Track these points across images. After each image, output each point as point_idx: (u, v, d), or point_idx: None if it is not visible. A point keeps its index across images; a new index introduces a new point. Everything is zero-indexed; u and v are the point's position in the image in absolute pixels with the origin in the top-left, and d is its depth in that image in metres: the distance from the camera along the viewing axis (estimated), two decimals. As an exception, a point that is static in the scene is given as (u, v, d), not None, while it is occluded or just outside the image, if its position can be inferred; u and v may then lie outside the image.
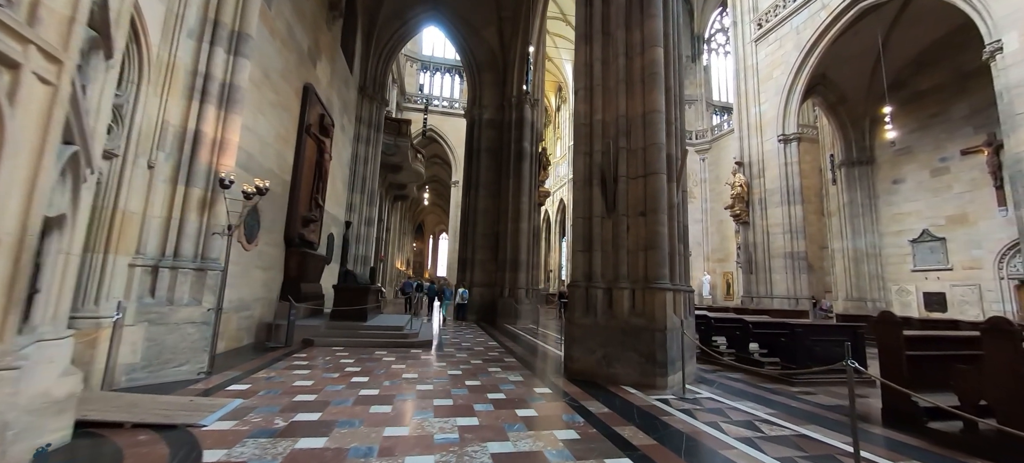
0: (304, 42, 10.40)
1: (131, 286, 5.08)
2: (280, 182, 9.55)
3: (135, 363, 5.02)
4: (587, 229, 6.77)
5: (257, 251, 8.63)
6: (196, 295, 5.64)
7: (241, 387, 5.13)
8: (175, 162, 5.58)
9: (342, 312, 9.78)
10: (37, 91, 2.73)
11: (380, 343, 8.89)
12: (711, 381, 6.64)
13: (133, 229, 5.12)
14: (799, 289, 16.54)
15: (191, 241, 5.65)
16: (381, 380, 5.82)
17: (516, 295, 15.80)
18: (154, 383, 5.11)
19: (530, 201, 16.80)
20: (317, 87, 11.36)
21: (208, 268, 5.76)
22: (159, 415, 3.84)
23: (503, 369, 6.95)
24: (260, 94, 8.26)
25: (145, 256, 5.24)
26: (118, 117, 4.92)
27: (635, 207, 6.51)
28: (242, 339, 8.22)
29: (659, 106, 6.51)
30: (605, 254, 6.61)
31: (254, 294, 8.60)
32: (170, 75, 5.50)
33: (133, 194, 5.09)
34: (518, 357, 8.21)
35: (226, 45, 6.13)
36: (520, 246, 16.09)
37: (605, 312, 6.41)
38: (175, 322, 5.37)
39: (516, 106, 17.08)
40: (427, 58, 35.13)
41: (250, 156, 7.97)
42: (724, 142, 28.01)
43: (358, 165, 16.80)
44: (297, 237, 10.41)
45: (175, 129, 5.59)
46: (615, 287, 6.38)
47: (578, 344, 6.50)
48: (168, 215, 5.50)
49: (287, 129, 9.72)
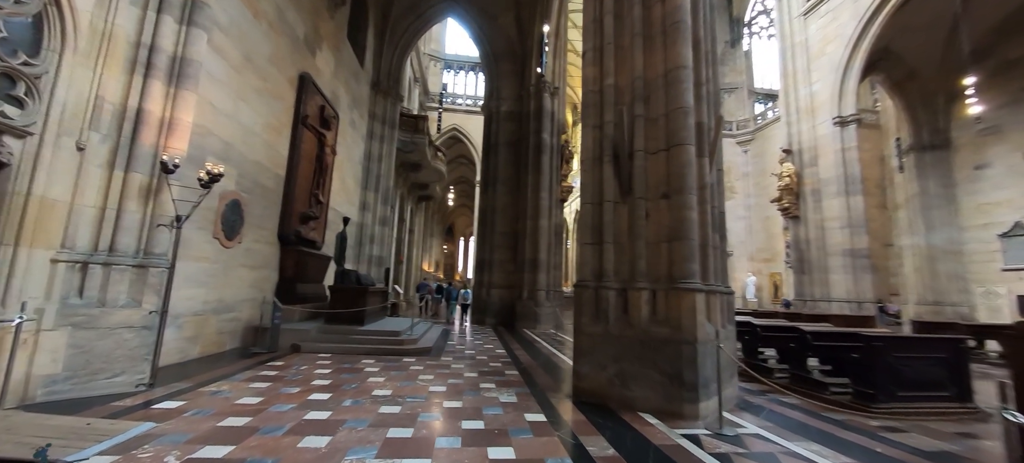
0: (298, 28, 9.78)
1: (53, 284, 4.39)
2: (271, 176, 8.92)
3: (55, 374, 4.33)
4: (596, 217, 5.56)
5: (243, 249, 7.99)
6: (136, 296, 4.91)
7: (171, 405, 4.32)
8: (113, 144, 4.89)
9: (339, 315, 9.01)
10: None
11: (371, 350, 8.02)
12: (758, 408, 5.23)
13: (56, 219, 4.44)
14: (861, 291, 14.36)
15: (130, 234, 4.94)
16: (343, 398, 4.87)
17: (536, 298, 14.64)
18: (79, 397, 4.39)
19: (551, 197, 15.60)
20: (317, 77, 10.74)
21: (151, 265, 5.03)
22: (24, 446, 3.03)
23: (498, 386, 5.84)
24: (241, 79, 7.61)
25: (72, 250, 4.55)
26: (32, 90, 4.25)
27: (656, 188, 5.23)
28: (224, 343, 7.57)
29: (684, 61, 5.22)
30: (619, 247, 5.36)
31: (239, 295, 7.95)
32: (107, 45, 4.83)
33: (56, 179, 4.42)
34: (522, 369, 7.07)
35: (178, 14, 5.42)
36: (540, 245, 14.92)
37: (619, 318, 5.16)
38: (108, 326, 4.65)
39: (535, 95, 15.95)
40: (451, 57, 34.69)
41: (228, 145, 7.32)
42: (769, 131, 25.61)
43: (371, 163, 16.24)
44: (293, 235, 9.76)
45: (113, 107, 4.90)
46: (631, 288, 5.13)
47: (587, 358, 5.29)
48: (103, 204, 4.79)
49: (279, 120, 9.09)
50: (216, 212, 7.13)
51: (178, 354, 6.37)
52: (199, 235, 6.71)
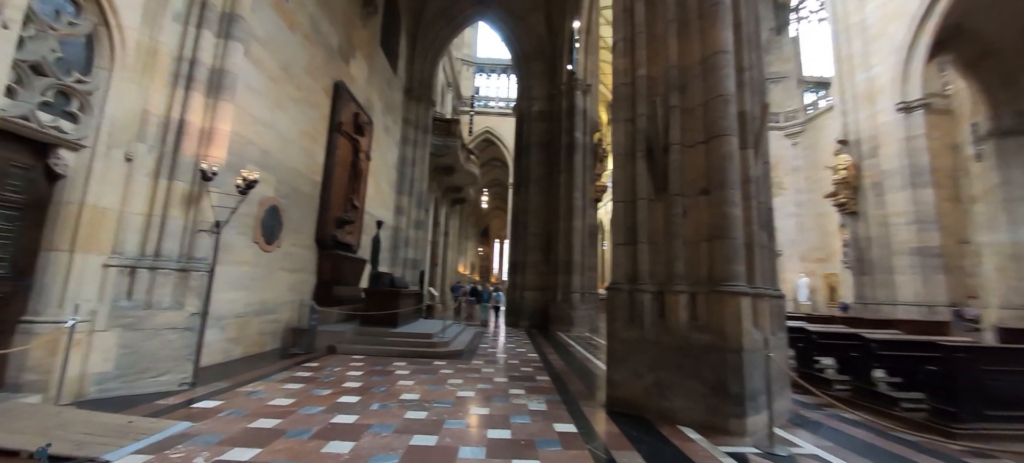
0: (333, 38, 10.07)
1: (105, 288, 4.65)
2: (308, 182, 9.21)
3: (107, 372, 4.57)
4: (629, 216, 5.25)
5: (281, 253, 8.27)
6: (179, 298, 5.14)
7: (209, 404, 4.45)
8: (158, 155, 5.14)
9: (373, 317, 9.15)
10: None
11: (403, 352, 8.05)
12: (815, 424, 4.73)
13: (107, 226, 4.71)
14: (933, 294, 12.98)
15: (174, 240, 5.17)
16: (372, 401, 4.85)
17: (570, 300, 14.32)
18: (129, 395, 4.62)
19: (584, 197, 15.22)
20: (351, 85, 11.02)
21: (192, 269, 5.24)
22: (71, 443, 3.17)
23: (528, 392, 5.65)
24: (279, 89, 7.90)
25: (122, 255, 4.81)
26: (84, 105, 4.53)
27: (694, 184, 4.86)
28: (265, 344, 7.85)
29: (723, 44, 4.82)
30: (654, 248, 5.03)
31: (279, 297, 8.24)
32: (152, 61, 5.09)
33: (107, 189, 4.69)
34: (554, 375, 6.84)
35: (215, 28, 5.65)
36: (574, 246, 14.59)
37: (655, 323, 4.83)
38: (154, 327, 4.89)
39: (566, 94, 15.65)
40: (483, 60, 34.94)
41: (267, 153, 7.60)
42: (821, 122, 23.89)
43: (406, 167, 16.54)
44: (330, 239, 10.04)
45: (158, 119, 5.16)
46: (668, 290, 4.78)
47: (621, 365, 4.99)
48: (150, 212, 5.05)
49: (314, 127, 9.38)
50: (256, 218, 7.41)
51: (222, 354, 6.64)
52: (240, 240, 6.99)
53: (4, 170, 4.04)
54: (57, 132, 4.29)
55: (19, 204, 4.19)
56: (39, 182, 4.32)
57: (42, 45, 4.11)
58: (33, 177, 4.27)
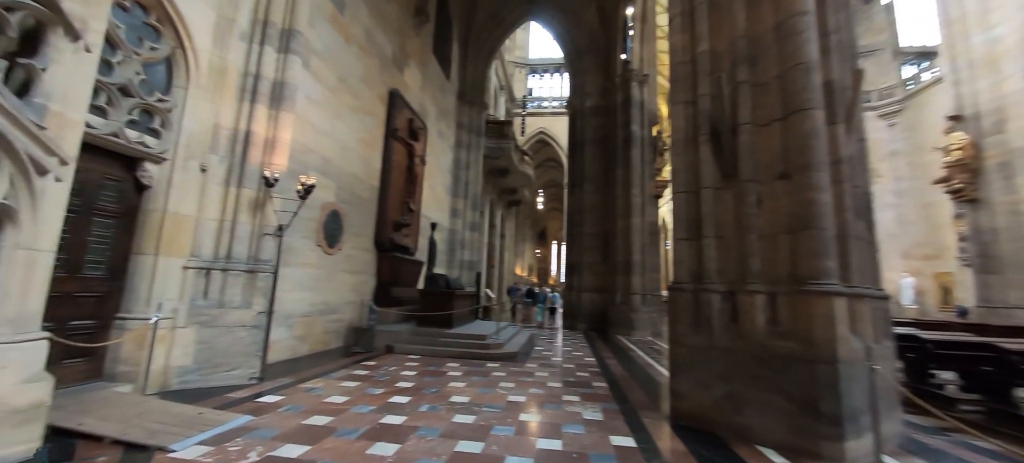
0: (387, 48, 10.43)
1: (184, 288, 5.06)
2: (366, 187, 9.57)
3: (188, 365, 4.97)
4: (692, 208, 4.72)
5: (343, 255, 8.66)
6: (247, 298, 5.48)
7: (272, 399, 4.65)
8: (228, 164, 5.53)
9: (428, 318, 9.29)
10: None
11: (457, 353, 8.03)
12: (936, 452, 3.89)
13: (185, 231, 5.13)
14: (1089, 297, 10.54)
15: (243, 243, 5.53)
16: (422, 403, 4.80)
17: (630, 302, 13.60)
18: (205, 387, 4.99)
19: (643, 193, 14.41)
20: (405, 93, 11.36)
21: (259, 270, 5.57)
22: (145, 431, 3.41)
23: (583, 399, 5.30)
24: (337, 99, 8.28)
25: (199, 258, 5.22)
26: (165, 121, 4.97)
27: (769, 168, 4.24)
28: (329, 342, 8.24)
29: (801, 5, 4.16)
30: (722, 242, 4.47)
31: (341, 298, 8.62)
32: (223, 78, 5.50)
33: (185, 197, 5.11)
34: (612, 381, 6.41)
35: (276, 44, 5.99)
36: (633, 245, 13.85)
37: (726, 328, 4.27)
38: (226, 325, 5.24)
39: (621, 86, 14.96)
40: (535, 61, 34.79)
41: (327, 161, 7.99)
42: (924, 97, 20.74)
43: (460, 170, 16.79)
44: (388, 241, 10.37)
45: (228, 131, 5.56)
46: (741, 290, 4.21)
47: (686, 373, 4.49)
48: (221, 217, 5.44)
49: (371, 134, 9.74)
50: (318, 222, 7.80)
51: (289, 351, 7.04)
52: (304, 243, 7.38)
53: (101, 183, 4.53)
54: (143, 147, 4.74)
55: (114, 213, 4.68)
56: (129, 193, 4.80)
57: (128, 69, 4.55)
58: (124, 188, 4.76)
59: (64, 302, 4.18)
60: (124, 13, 4.58)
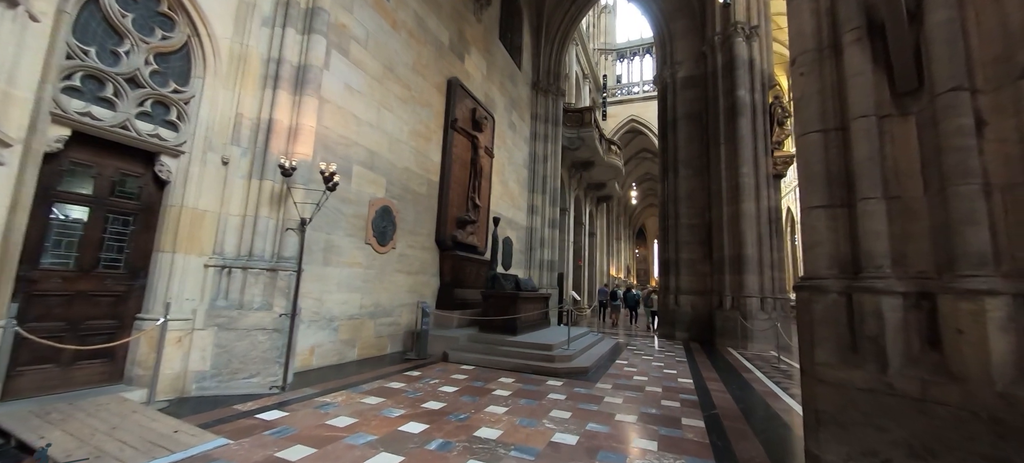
0: (442, 35, 9.79)
1: (205, 287, 4.76)
2: (422, 182, 8.98)
3: (205, 371, 4.63)
4: (836, 154, 2.87)
5: (397, 254, 8.13)
6: (268, 298, 5.02)
7: (272, 416, 4.01)
8: (251, 156, 5.17)
9: (490, 323, 8.30)
10: None
11: (515, 366, 6.85)
12: None
13: (206, 228, 4.84)
14: None
15: (265, 239, 5.11)
16: (435, 436, 3.72)
17: (743, 307, 11.00)
18: (222, 395, 4.59)
19: (757, 173, 11.62)
20: (466, 82, 10.63)
21: (280, 268, 5.09)
22: (96, 450, 2.90)
23: (664, 449, 3.71)
24: (383, 88, 7.79)
25: (221, 256, 4.90)
26: (182, 114, 4.73)
27: (1001, 60, 2.26)
28: (385, 347, 7.74)
29: None
30: (898, 206, 2.57)
31: (396, 300, 8.08)
32: (244, 66, 5.17)
33: (205, 192, 4.83)
34: (712, 419, 4.61)
35: (299, 25, 5.54)
36: (745, 236, 11.20)
37: (915, 359, 2.38)
38: (244, 328, 4.83)
39: (722, 46, 12.37)
40: (622, 45, 32.24)
41: (374, 154, 7.50)
42: None
43: (536, 164, 15.68)
44: (450, 239, 9.69)
45: (250, 121, 5.21)
46: (944, 291, 2.29)
47: (834, 431, 2.66)
48: (244, 212, 5.08)
49: (426, 126, 9.14)
50: (366, 219, 7.33)
51: (335, 356, 6.61)
52: (349, 241, 6.93)
53: (115, 178, 4.38)
54: (158, 140, 4.53)
55: (132, 209, 4.52)
56: (148, 188, 4.63)
57: (136, 58, 4.35)
58: (143, 184, 4.59)
59: (76, 301, 4.05)
60: (133, 2, 4.40)
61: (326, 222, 6.42)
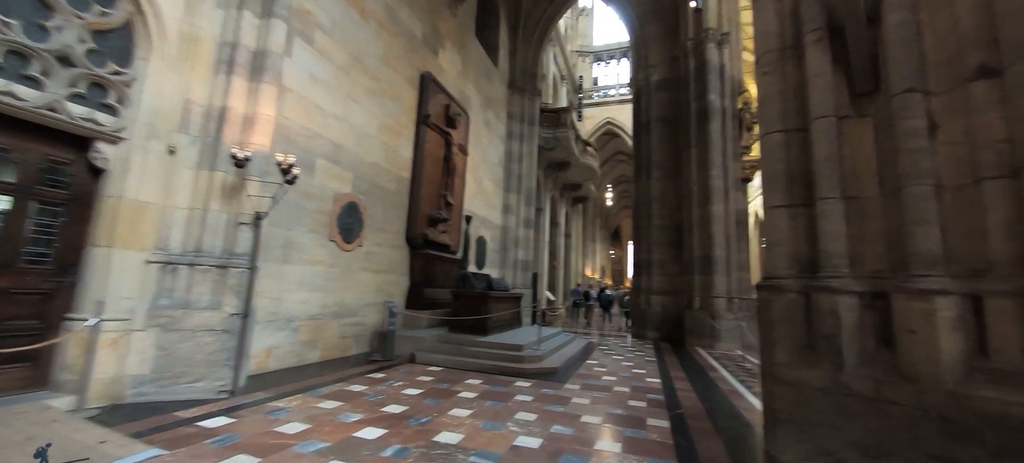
0: (415, 27, 9.55)
1: (145, 285, 4.41)
2: (392, 178, 8.72)
3: (144, 375, 4.28)
4: (797, 154, 2.87)
5: (363, 252, 7.85)
6: (217, 297, 4.71)
7: (216, 423, 3.74)
8: (201, 146, 4.84)
9: (459, 323, 8.13)
10: None
11: (483, 367, 6.71)
12: None
13: (148, 221, 4.49)
14: None
15: (215, 234, 4.79)
16: (391, 443, 3.55)
17: (711, 307, 11.23)
18: (163, 401, 4.26)
19: (726, 176, 11.91)
20: (440, 77, 10.42)
21: (231, 265, 4.78)
22: (-3, 474, 2.59)
23: (627, 451, 3.66)
24: (351, 80, 7.50)
25: (165, 251, 4.55)
26: (123, 97, 4.37)
27: (953, 63, 2.29)
28: (349, 348, 7.45)
29: None
30: (855, 206, 2.59)
31: (363, 299, 7.81)
32: (195, 49, 4.84)
33: (147, 182, 4.48)
34: (677, 419, 4.61)
35: (257, 8, 5.24)
36: (714, 238, 11.44)
37: (870, 358, 2.39)
38: (190, 329, 4.50)
39: (694, 51, 12.61)
40: (599, 48, 32.62)
41: (339, 147, 7.21)
42: None
43: (512, 163, 15.58)
44: (421, 238, 9.45)
45: (201, 108, 4.88)
46: (898, 289, 2.31)
47: (791, 430, 2.66)
48: (192, 205, 4.75)
49: (397, 121, 8.89)
50: (331, 215, 7.04)
51: (294, 358, 6.30)
52: (311, 238, 6.63)
53: (42, 165, 4.00)
54: (93, 125, 4.16)
55: (62, 200, 4.14)
56: (82, 178, 4.26)
57: (68, 35, 3.98)
58: (75, 172, 4.21)
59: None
60: (68, -27, 4.03)
61: (286, 218, 6.11)
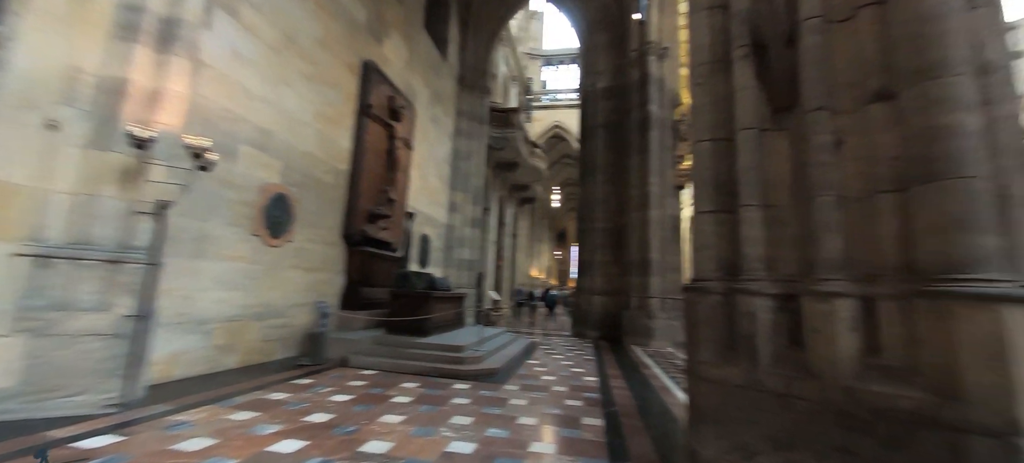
0: (357, 12, 9.05)
1: (12, 283, 3.72)
2: (328, 169, 8.20)
3: (8, 388, 3.61)
4: (723, 163, 3.02)
5: (293, 248, 7.28)
6: (106, 296, 4.10)
7: (99, 443, 3.22)
8: (92, 122, 4.19)
9: (398, 324, 7.80)
10: None
11: (421, 369, 6.47)
12: None
13: (18, 207, 3.80)
14: None
15: (106, 223, 4.17)
16: (313, 454, 3.27)
17: (647, 307, 11.78)
18: (33, 418, 3.61)
19: (663, 183, 12.57)
20: (384, 66, 9.98)
21: (125, 260, 4.18)
22: None
23: (562, 452, 3.66)
24: (282, 61, 6.93)
25: (40, 243, 3.88)
26: (-18, 54, 3.66)
27: (856, 85, 2.51)
28: (273, 352, 6.86)
29: None
30: (772, 214, 2.76)
31: (291, 299, 7.23)
32: (86, 7, 4.17)
33: (18, 161, 3.79)
34: (611, 417, 4.72)
35: (168, -32, 4.64)
36: (650, 242, 12.02)
37: (781, 356, 2.56)
38: (70, 333, 3.87)
39: (637, 62, 13.17)
40: (550, 52, 33.23)
41: (268, 133, 6.62)
42: None
43: (459, 161, 15.35)
44: (359, 234, 8.97)
45: (93, 79, 4.22)
46: (807, 292, 2.49)
47: (711, 427, 2.78)
48: (78, 190, 4.09)
49: (336, 109, 8.37)
50: (256, 207, 6.44)
51: (206, 364, 5.67)
52: (231, 232, 6.02)
53: None
54: (-60, 87, 3.43)
55: None
56: (-76, 150, 3.50)
57: (-94, -27, 3.25)
58: (-86, 144, 3.46)
59: None
60: (-95, -102, 3.29)
61: (201, 208, 5.49)
